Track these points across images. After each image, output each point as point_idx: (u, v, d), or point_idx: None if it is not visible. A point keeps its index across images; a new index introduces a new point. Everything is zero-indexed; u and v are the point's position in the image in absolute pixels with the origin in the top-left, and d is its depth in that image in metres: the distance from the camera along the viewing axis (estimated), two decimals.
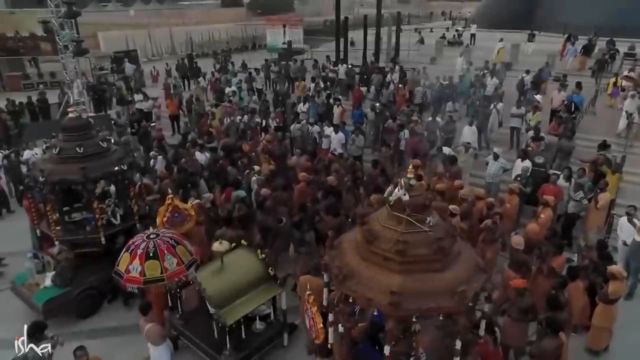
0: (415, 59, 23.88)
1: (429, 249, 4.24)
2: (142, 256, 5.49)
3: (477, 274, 4.43)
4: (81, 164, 7.08)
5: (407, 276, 4.20)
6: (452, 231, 4.50)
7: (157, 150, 11.74)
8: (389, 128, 12.79)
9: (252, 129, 13.56)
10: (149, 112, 16.54)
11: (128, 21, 51.74)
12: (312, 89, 16.74)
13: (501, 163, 10.61)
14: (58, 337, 5.68)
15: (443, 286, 4.13)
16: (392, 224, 4.39)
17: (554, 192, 9.46)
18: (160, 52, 37.80)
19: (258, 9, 64.77)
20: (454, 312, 4.15)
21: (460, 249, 4.57)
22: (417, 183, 4.44)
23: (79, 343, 7.24)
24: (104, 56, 29.69)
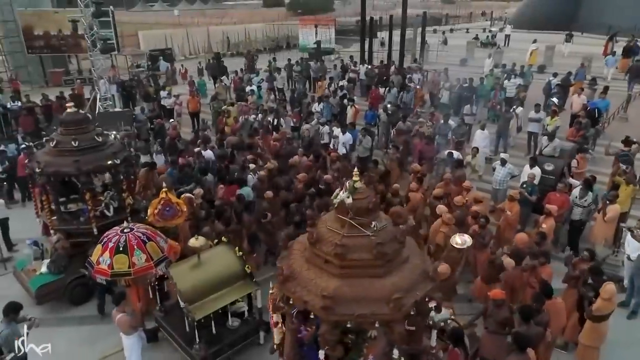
0: (444, 60, 23.33)
1: (370, 254, 4.16)
2: (112, 250, 5.68)
3: (423, 282, 4.31)
4: (75, 157, 7.38)
5: (345, 280, 4.14)
6: (400, 237, 4.38)
7: (167, 147, 12.08)
8: (399, 130, 12.58)
9: (264, 128, 13.66)
10: (172, 109, 17.02)
11: (172, 21, 53.38)
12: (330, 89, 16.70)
13: (509, 169, 10.24)
14: (34, 318, 5.96)
15: (380, 293, 4.04)
16: (336, 227, 4.33)
17: (560, 201, 9.04)
18: (197, 51, 38.66)
19: (298, 9, 65.42)
20: (390, 320, 4.04)
21: (408, 255, 4.46)
22: (361, 186, 4.36)
23: (69, 328, 7.73)
24: (142, 54, 30.66)
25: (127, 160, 8.19)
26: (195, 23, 50.90)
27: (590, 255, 6.99)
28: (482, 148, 11.95)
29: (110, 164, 7.68)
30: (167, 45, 36.43)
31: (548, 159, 10.22)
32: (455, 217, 8.10)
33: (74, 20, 15.27)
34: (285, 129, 14.09)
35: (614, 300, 6.31)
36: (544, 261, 6.95)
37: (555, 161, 10.13)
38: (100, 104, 16.61)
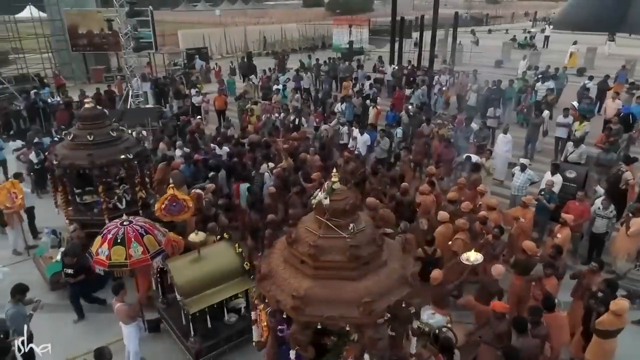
0: (478, 62, 22.77)
1: (343, 256, 4.11)
2: (111, 241, 5.89)
3: (399, 287, 4.23)
4: (90, 151, 7.69)
5: (317, 282, 4.11)
6: (378, 240, 4.31)
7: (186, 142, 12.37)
8: (419, 132, 12.38)
9: (285, 127, 13.77)
10: (200, 107, 17.44)
11: (213, 20, 54.51)
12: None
13: (528, 175, 9.88)
14: (40, 301, 6.27)
15: (352, 296, 3.99)
16: (313, 228, 4.32)
17: (579, 210, 8.65)
18: (234, 50, 39.31)
19: (337, 8, 65.53)
20: (360, 324, 3.99)
21: (387, 259, 4.38)
22: (340, 187, 4.32)
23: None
24: (179, 52, 31.51)
25: (141, 155, 8.44)
26: (235, 23, 51.80)
27: (599, 266, 6.65)
28: (504, 152, 11.60)
29: (123, 159, 7.94)
30: (205, 45, 37.35)
31: (571, 166, 9.80)
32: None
33: (109, 20, 15.89)
34: (307, 129, 14.14)
35: (625, 317, 5.96)
36: (549, 272, 6.66)
37: (577, 168, 9.70)
38: (132, 100, 17.24)
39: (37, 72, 24.64)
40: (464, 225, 7.73)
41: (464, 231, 7.72)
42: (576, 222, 8.66)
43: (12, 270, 8.37)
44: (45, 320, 7.57)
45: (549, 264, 6.72)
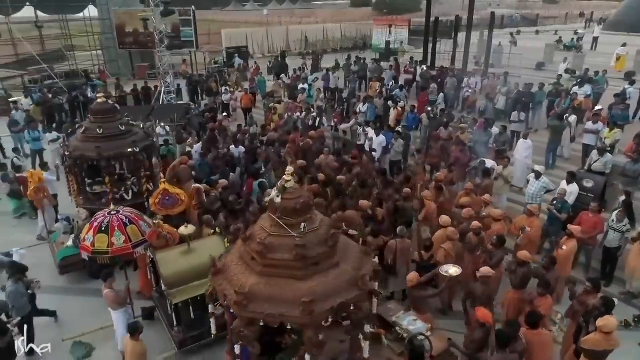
0: (517, 64, 21.90)
1: (290, 255, 4.13)
2: (96, 229, 6.18)
3: (347, 290, 4.19)
4: (98, 143, 8.09)
5: (263, 279, 4.16)
6: (330, 241, 4.29)
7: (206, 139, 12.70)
8: (435, 135, 12.10)
9: (305, 126, 13.85)
10: (228, 104, 17.86)
11: (260, 20, 55.41)
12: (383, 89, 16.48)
13: (543, 183, 9.43)
14: (37, 281, 6.67)
15: (294, 295, 4.01)
16: (266, 225, 4.37)
17: (592, 222, 8.19)
18: (275, 49, 39.82)
19: (384, 8, 65.03)
20: (302, 325, 3.99)
21: (339, 261, 4.35)
22: (293, 186, 4.33)
23: (83, 298, 8.48)
24: (219, 51, 32.31)
25: (149, 149, 8.77)
26: (281, 22, 52.47)
27: (594, 286, 6.26)
28: (524, 159, 11.13)
29: (130, 152, 8.29)
30: (248, 44, 38.17)
31: (589, 175, 9.26)
32: (459, 231, 7.68)
33: (145, 19, 16.55)
34: (326, 128, 14.17)
35: (614, 337, 5.58)
36: (543, 292, 6.33)
37: (595, 178, 9.15)
38: (164, 96, 17.88)
39: (85, 68, 26.15)
40: (452, 235, 7.51)
41: (452, 241, 7.49)
42: (589, 234, 8.23)
43: (31, 254, 8.96)
44: (53, 301, 8.06)
45: (543, 282, 6.38)
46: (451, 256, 7.46)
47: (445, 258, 7.51)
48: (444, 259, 7.52)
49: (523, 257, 6.85)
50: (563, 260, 7.61)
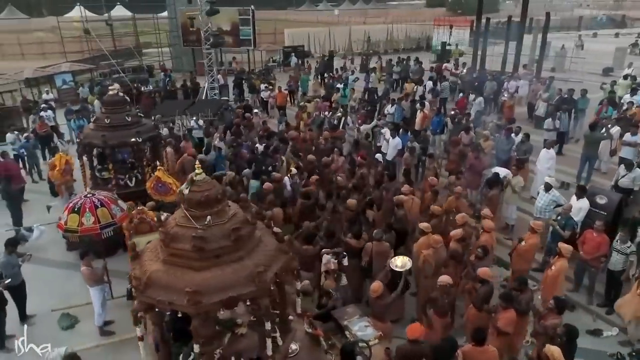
0: (582, 68, 20.29)
1: (189, 246, 4.24)
2: (70, 209, 6.69)
3: (241, 285, 4.22)
4: (104, 132, 8.72)
5: (165, 267, 4.32)
6: (233, 235, 4.34)
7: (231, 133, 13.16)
8: (454, 140, 11.59)
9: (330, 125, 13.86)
10: (267, 101, 18.34)
11: (331, 20, 55.88)
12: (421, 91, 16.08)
13: (553, 196, 8.75)
14: (29, 254, 7.34)
15: (186, 285, 4.10)
16: (176, 216, 4.52)
17: (596, 242, 7.50)
18: (337, 49, 39.95)
19: (459, 8, 62.92)
20: (191, 315, 4.08)
21: (244, 256, 4.39)
22: (202, 179, 4.44)
23: None
24: (276, 50, 33.08)
25: (153, 139, 9.29)
26: (352, 22, 52.52)
27: (558, 307, 5.74)
28: (546, 170, 10.35)
29: (133, 142, 8.84)
30: (309, 43, 38.74)
31: (602, 191, 8.43)
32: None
33: (191, 17, 17.40)
34: (351, 128, 14.07)
35: None
36: (504, 305, 5.92)
37: (611, 194, 8.31)
38: (208, 92, 18.74)
39: (151, 63, 28.00)
40: (434, 242, 7.20)
41: (433, 248, 7.19)
42: (591, 255, 7.54)
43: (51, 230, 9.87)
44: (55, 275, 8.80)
45: (505, 295, 5.97)
46: (430, 263, 7.18)
47: (424, 265, 7.26)
48: (423, 265, 7.28)
49: (483, 275, 6.42)
50: (550, 281, 7.06)
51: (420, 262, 7.16)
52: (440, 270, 7.32)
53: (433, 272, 7.15)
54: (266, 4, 79.14)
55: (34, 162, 12.93)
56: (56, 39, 30.42)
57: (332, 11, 71.48)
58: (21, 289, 7.40)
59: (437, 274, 7.24)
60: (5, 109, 17.13)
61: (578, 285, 8.08)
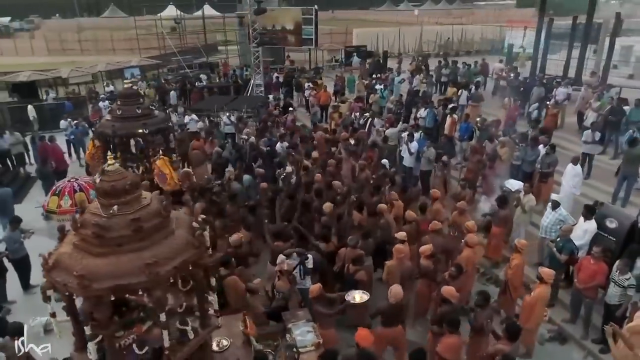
0: None
1: (89, 233, 4.42)
2: (53, 192, 7.23)
3: (133, 275, 4.31)
4: (115, 122, 9.31)
5: (71, 250, 4.52)
6: (133, 226, 4.45)
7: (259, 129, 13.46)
8: (474, 148, 10.88)
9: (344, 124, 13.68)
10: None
11: (410, 20, 54.84)
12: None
13: (560, 215, 7.91)
14: (31, 232, 8.07)
15: (76, 269, 4.27)
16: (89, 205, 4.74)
17: (591, 271, 6.71)
18: (406, 50, 39.16)
19: (551, 9, 58.72)
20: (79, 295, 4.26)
21: (143, 249, 4.49)
22: (113, 169, 4.59)
23: None
24: (337, 49, 33.05)
25: (162, 131, 9.74)
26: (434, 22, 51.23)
27: (509, 332, 5.18)
28: (570, 187, 9.36)
29: (139, 133, 9.33)
30: (378, 43, 38.39)
31: (614, 213, 7.42)
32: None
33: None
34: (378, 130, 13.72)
35: None
36: (450, 330, 5.46)
37: (623, 217, 7.29)
38: (255, 88, 19.28)
39: (216, 60, 29.33)
40: (398, 252, 6.84)
41: (398, 259, 6.82)
42: (586, 284, 6.73)
43: None
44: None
45: (451, 321, 5.49)
46: (393, 275, 6.85)
47: (388, 276, 6.95)
48: (387, 276, 6.98)
49: (446, 294, 5.95)
50: (527, 308, 6.39)
51: (385, 273, 6.84)
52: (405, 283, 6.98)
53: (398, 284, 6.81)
54: (350, 4, 79.79)
55: (81, 147, 14.15)
56: (146, 36, 32.70)
57: (412, 11, 70.20)
58: (25, 262, 8.15)
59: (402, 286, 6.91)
60: (73, 98, 18.92)
61: (575, 316, 7.24)
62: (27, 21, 61.15)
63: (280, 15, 29.95)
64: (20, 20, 61.40)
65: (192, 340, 4.98)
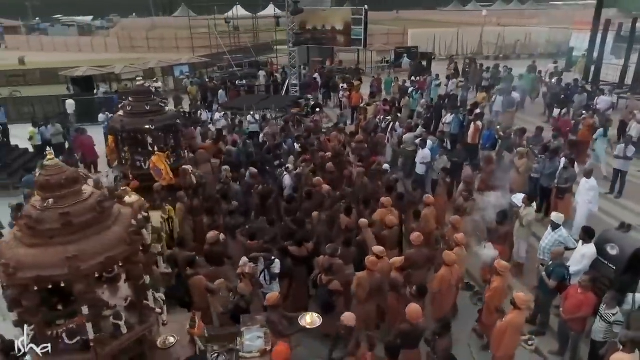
0: None
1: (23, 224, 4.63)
2: None
3: (57, 267, 4.46)
4: (124, 118, 9.74)
5: (12, 241, 4.76)
6: (63, 220, 4.60)
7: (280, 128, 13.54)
8: (488, 157, 10.21)
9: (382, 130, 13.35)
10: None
11: (478, 21, 52.86)
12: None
13: (560, 236, 7.21)
14: None
15: (9, 257, 4.48)
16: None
17: (577, 301, 6.07)
18: (465, 51, 37.66)
19: (632, 8, 54.23)
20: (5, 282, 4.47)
21: (72, 242, 4.63)
22: (52, 164, 4.76)
23: None
24: (389, 51, 32.39)
25: (169, 128, 10.05)
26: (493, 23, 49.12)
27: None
28: (586, 203, 8.52)
29: (146, 128, 9.69)
30: (435, 45, 37.34)
31: (618, 239, 6.61)
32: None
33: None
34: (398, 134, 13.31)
35: None
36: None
37: (626, 243, 6.47)
38: (291, 88, 19.39)
39: (266, 60, 29.79)
40: (370, 265, 6.54)
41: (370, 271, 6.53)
42: (571, 315, 6.09)
43: None
44: None
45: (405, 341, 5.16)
46: (363, 288, 6.58)
47: (357, 288, 6.69)
48: (357, 288, 6.71)
49: (408, 313, 5.60)
50: (498, 335, 5.88)
51: (354, 285, 6.58)
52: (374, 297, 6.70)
53: (366, 298, 6.55)
54: (415, 4, 78.15)
55: None
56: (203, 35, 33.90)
57: (480, 11, 67.51)
58: None
59: (370, 300, 6.65)
60: (122, 92, 20.05)
61: (563, 349, 6.56)
62: (107, 20, 65.83)
63: (330, 15, 29.93)
64: (102, 19, 66.26)
65: (124, 335, 5.09)
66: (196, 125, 14.62)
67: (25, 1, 68.74)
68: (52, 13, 67.16)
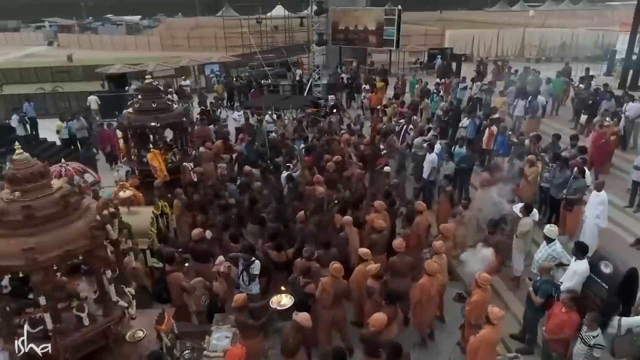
0: None
1: None
2: None
3: (14, 258, 4.62)
4: (131, 115, 10.02)
5: None
6: (25, 212, 4.76)
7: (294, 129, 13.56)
8: (497, 164, 9.78)
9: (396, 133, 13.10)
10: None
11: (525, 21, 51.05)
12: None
13: (553, 251, 6.80)
14: None
15: None
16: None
17: (560, 320, 5.69)
18: (505, 53, 36.36)
19: None
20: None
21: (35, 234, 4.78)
22: (20, 159, 4.93)
23: None
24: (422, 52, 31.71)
25: (174, 125, 10.26)
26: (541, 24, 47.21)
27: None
28: (594, 217, 8.00)
29: (151, 125, 9.93)
30: (474, 46, 36.34)
31: (613, 257, 6.13)
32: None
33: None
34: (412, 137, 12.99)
35: None
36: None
37: (620, 262, 5.99)
38: (313, 89, 19.35)
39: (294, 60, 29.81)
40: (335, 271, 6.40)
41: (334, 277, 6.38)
42: (554, 335, 5.73)
43: None
44: None
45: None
46: (328, 293, 6.44)
47: (322, 293, 6.55)
48: (321, 294, 6.57)
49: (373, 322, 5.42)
50: (470, 351, 5.60)
51: (319, 291, 6.46)
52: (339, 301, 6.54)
53: (332, 303, 6.42)
54: (460, 4, 76.24)
55: None
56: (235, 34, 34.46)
57: (527, 12, 65.11)
58: None
59: (335, 305, 6.50)
60: None
61: None
62: (154, 19, 68.15)
63: (363, 15, 29.68)
64: (149, 19, 68.69)
65: (86, 327, 5.22)
66: (215, 124, 14.87)
67: (80, 1, 72.24)
68: (104, 12, 70.30)
